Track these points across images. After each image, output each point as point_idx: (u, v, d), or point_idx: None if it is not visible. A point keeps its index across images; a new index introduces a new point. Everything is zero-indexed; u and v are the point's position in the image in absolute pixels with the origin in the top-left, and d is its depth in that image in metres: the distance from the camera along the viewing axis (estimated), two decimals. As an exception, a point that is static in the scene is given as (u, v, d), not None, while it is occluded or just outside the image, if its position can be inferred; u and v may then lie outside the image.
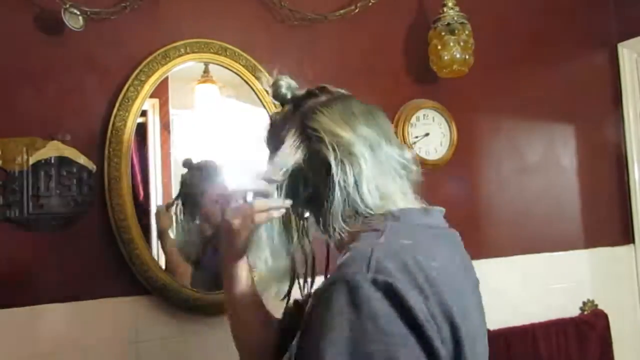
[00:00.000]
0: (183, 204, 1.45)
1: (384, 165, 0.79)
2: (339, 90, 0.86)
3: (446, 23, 1.69)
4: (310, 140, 0.78)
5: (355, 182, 0.75)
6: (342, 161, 0.76)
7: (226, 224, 0.83)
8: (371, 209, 0.76)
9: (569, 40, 2.14)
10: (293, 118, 0.82)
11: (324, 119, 0.79)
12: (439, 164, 1.81)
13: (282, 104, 0.88)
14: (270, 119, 0.90)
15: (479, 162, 1.94)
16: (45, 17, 1.33)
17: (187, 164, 1.47)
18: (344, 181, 0.75)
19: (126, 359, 1.35)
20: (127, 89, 1.38)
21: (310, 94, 0.84)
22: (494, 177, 1.95)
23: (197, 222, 1.49)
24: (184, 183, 1.47)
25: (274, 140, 0.85)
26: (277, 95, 0.87)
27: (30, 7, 1.33)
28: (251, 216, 0.81)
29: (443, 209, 0.82)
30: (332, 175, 0.75)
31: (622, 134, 2.20)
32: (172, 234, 1.45)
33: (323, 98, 0.83)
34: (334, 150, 0.76)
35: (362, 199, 0.75)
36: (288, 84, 0.86)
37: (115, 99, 1.37)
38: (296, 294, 0.90)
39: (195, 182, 1.48)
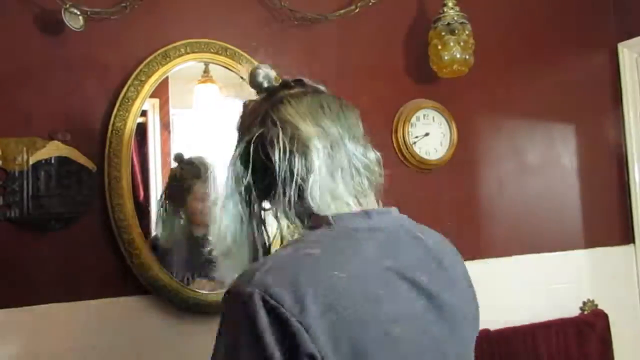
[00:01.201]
0: (169, 199, 1.45)
1: (342, 163, 0.76)
2: (316, 84, 0.85)
3: (446, 23, 1.69)
4: (268, 129, 0.77)
5: (304, 177, 0.73)
6: (292, 153, 0.74)
7: None
8: (318, 206, 0.73)
9: (569, 40, 2.14)
10: (261, 107, 0.81)
11: (289, 109, 0.77)
12: (438, 164, 1.81)
13: (258, 93, 0.86)
14: (243, 105, 0.87)
15: (479, 162, 1.93)
16: (45, 17, 1.33)
17: (178, 157, 1.46)
18: (290, 174, 0.74)
19: (126, 358, 1.35)
20: (127, 88, 1.38)
21: (284, 85, 0.83)
22: (494, 177, 1.95)
23: (182, 218, 1.48)
24: (173, 177, 1.46)
25: (242, 128, 0.83)
26: (253, 83, 0.85)
27: (30, 7, 1.33)
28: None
29: (391, 209, 0.77)
30: (276, 166, 0.74)
31: (622, 134, 2.20)
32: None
33: (295, 90, 0.82)
34: (285, 142, 0.74)
35: (309, 194, 0.73)
36: (266, 74, 0.85)
37: (115, 99, 1.37)
38: None
39: (184, 177, 1.47)
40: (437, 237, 0.81)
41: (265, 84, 0.85)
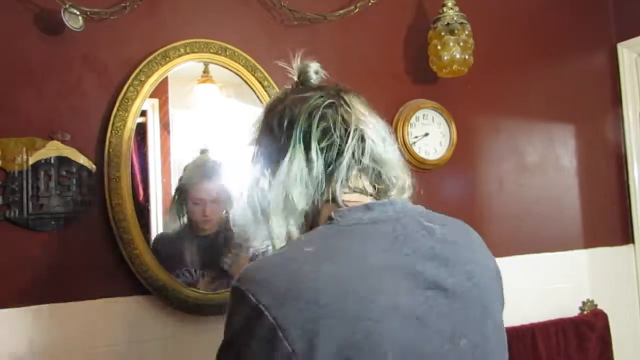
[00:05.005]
0: (179, 194, 1.46)
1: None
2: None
3: (446, 23, 1.69)
4: (337, 108, 0.78)
5: (356, 162, 0.75)
6: (360, 138, 0.75)
7: None
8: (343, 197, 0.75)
9: (569, 40, 2.14)
10: (325, 99, 0.80)
11: (359, 104, 0.80)
12: (438, 164, 1.81)
13: (300, 85, 0.90)
14: (288, 95, 0.86)
15: (479, 162, 1.94)
16: (45, 17, 1.33)
17: (203, 151, 1.48)
18: (354, 154, 0.75)
19: (126, 359, 1.35)
20: (127, 88, 1.38)
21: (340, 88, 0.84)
22: (493, 177, 1.95)
23: (185, 216, 1.48)
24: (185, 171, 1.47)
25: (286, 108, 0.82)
26: (305, 77, 0.90)
27: (30, 7, 1.33)
28: None
29: (397, 200, 0.77)
30: (348, 142, 0.74)
31: (622, 134, 2.20)
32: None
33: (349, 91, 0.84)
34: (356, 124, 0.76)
35: (346, 179, 0.75)
36: (317, 69, 0.91)
37: (115, 99, 1.37)
38: None
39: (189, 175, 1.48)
40: (451, 224, 0.82)
41: (315, 80, 0.89)
